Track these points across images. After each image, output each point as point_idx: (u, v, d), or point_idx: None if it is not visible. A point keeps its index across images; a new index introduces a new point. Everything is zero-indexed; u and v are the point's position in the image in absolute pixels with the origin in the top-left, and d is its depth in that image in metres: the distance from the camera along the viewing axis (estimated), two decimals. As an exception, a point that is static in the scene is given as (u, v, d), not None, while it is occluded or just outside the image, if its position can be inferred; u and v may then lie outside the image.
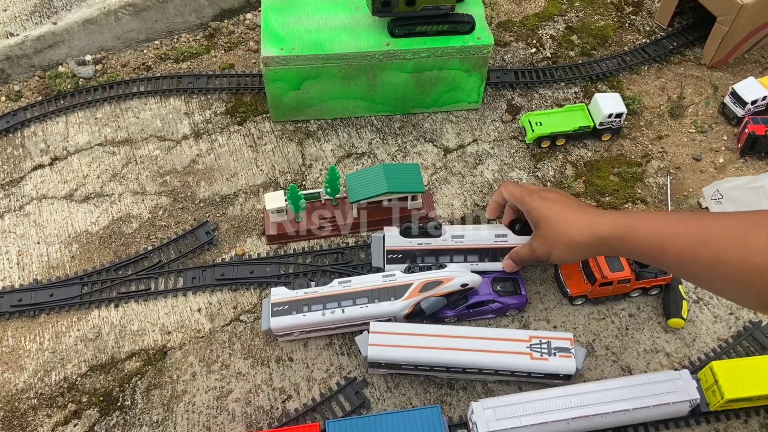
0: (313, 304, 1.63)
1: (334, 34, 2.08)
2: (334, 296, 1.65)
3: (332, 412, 1.65)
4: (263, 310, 1.65)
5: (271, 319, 1.59)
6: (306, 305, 1.63)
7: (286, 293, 1.67)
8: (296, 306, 1.63)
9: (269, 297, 1.66)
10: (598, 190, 2.09)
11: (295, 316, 1.62)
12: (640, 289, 1.82)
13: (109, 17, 2.39)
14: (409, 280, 1.69)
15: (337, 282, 1.70)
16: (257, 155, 2.17)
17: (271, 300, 1.65)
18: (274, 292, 1.67)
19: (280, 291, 1.69)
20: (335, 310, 1.63)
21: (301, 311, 1.63)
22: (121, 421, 1.65)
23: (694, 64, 2.45)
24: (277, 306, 1.63)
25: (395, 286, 1.69)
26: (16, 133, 2.23)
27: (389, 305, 1.67)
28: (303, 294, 1.66)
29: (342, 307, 1.62)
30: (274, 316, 1.57)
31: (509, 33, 2.54)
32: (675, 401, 1.55)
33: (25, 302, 1.82)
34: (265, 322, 1.59)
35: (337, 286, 1.70)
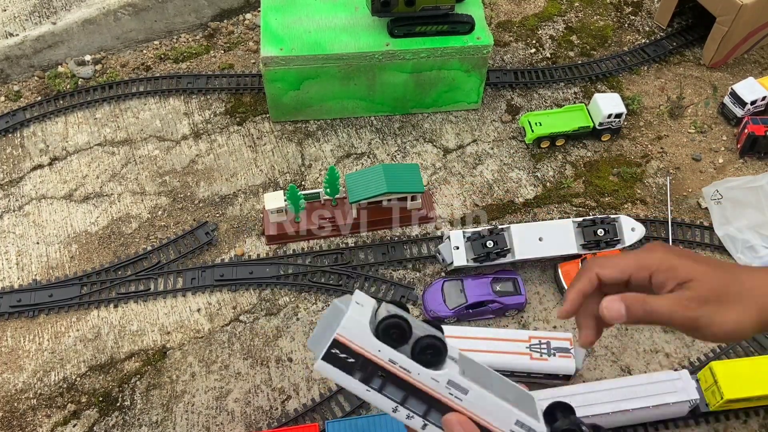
0: (388, 385, 0.82)
1: (333, 34, 2.08)
2: (424, 394, 0.82)
3: (332, 412, 1.65)
4: (321, 323, 0.86)
5: (319, 362, 0.81)
6: (379, 377, 0.82)
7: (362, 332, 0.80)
8: (364, 367, 0.81)
9: (339, 323, 0.79)
10: (597, 190, 2.09)
11: (356, 382, 0.82)
12: (639, 289, 1.82)
13: (109, 17, 2.39)
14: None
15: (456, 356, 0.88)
16: (257, 155, 2.17)
17: (337, 332, 0.80)
18: (346, 323, 0.79)
19: (356, 319, 0.79)
20: (413, 417, 0.83)
21: (369, 381, 0.82)
22: (120, 422, 1.65)
23: (694, 64, 2.45)
24: (338, 348, 0.81)
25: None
26: (15, 133, 2.22)
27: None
28: (383, 353, 0.80)
29: (428, 421, 0.83)
30: (327, 361, 0.80)
31: (509, 33, 2.54)
32: (674, 401, 1.55)
33: (24, 302, 1.82)
34: (316, 344, 0.83)
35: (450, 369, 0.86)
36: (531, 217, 2.02)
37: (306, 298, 1.86)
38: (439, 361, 0.76)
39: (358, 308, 0.77)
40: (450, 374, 0.75)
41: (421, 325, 0.78)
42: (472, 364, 0.81)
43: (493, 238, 1.82)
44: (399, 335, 0.75)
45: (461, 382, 0.75)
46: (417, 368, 0.75)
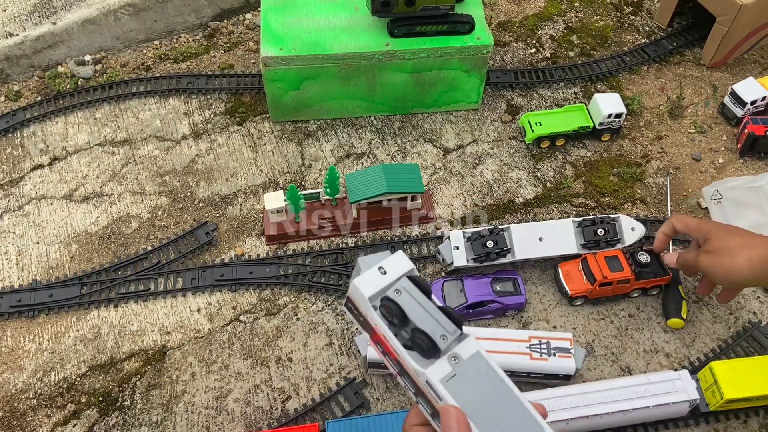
0: (387, 353, 0.81)
1: (333, 34, 2.08)
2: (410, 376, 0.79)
3: (332, 412, 1.65)
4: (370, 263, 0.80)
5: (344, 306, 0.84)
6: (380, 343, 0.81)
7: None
8: (369, 328, 0.81)
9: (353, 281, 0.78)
10: (597, 190, 2.09)
11: (366, 335, 0.84)
12: (639, 289, 1.82)
13: (109, 17, 2.39)
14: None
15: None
16: (257, 155, 2.17)
17: (348, 291, 0.81)
18: (354, 286, 0.79)
19: (362, 286, 0.78)
20: (408, 388, 0.81)
21: (376, 341, 0.81)
22: (120, 422, 1.65)
23: (694, 64, 2.45)
24: (351, 303, 0.82)
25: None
26: (15, 133, 2.22)
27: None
28: (379, 326, 0.79)
29: (417, 399, 0.80)
30: (347, 308, 0.84)
31: (509, 33, 2.54)
32: (674, 401, 1.55)
33: (24, 302, 1.82)
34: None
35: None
36: (531, 217, 2.02)
37: (306, 298, 1.86)
38: (428, 356, 0.73)
39: (374, 274, 0.77)
40: (428, 375, 0.73)
41: (429, 314, 0.74)
42: (480, 373, 0.74)
43: (493, 238, 1.82)
44: (393, 318, 0.75)
45: (437, 387, 0.72)
46: (403, 353, 0.75)
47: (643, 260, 1.79)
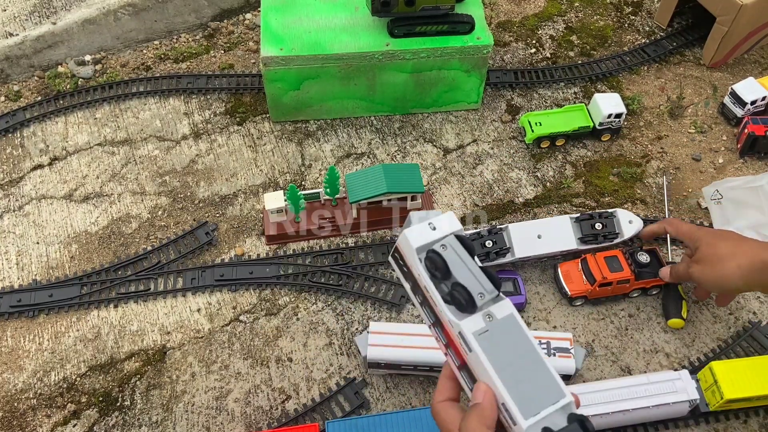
0: (426, 305, 0.85)
1: (333, 34, 2.08)
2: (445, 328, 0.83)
3: (332, 412, 1.65)
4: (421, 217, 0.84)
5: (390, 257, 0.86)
6: (421, 294, 0.85)
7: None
8: (412, 278, 0.84)
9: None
10: (597, 190, 2.09)
11: (407, 285, 0.87)
12: (639, 289, 1.82)
13: (109, 17, 2.39)
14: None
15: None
16: (257, 155, 2.17)
17: (398, 241, 0.83)
18: (404, 236, 0.83)
19: (412, 238, 0.82)
20: (440, 342, 0.87)
21: (416, 292, 0.86)
22: (120, 422, 1.65)
23: (694, 64, 2.45)
24: (397, 253, 0.84)
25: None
26: (15, 133, 2.22)
27: None
28: (422, 278, 0.82)
29: (448, 353, 0.86)
30: (393, 258, 0.85)
31: (509, 33, 2.54)
32: (674, 401, 1.55)
33: (24, 302, 1.82)
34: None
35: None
36: (531, 217, 2.03)
37: (306, 298, 1.86)
38: (464, 310, 0.78)
39: (423, 229, 0.81)
40: (462, 327, 0.77)
41: (470, 270, 0.79)
42: (513, 336, 0.78)
43: (492, 237, 1.82)
44: (436, 270, 0.79)
45: (469, 340, 0.76)
46: (440, 304, 0.79)
47: (643, 260, 1.79)
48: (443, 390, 0.86)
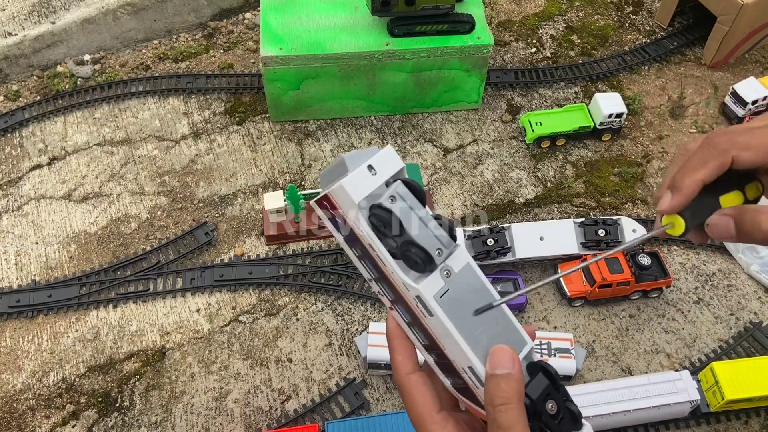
0: (366, 259, 0.73)
1: (333, 33, 2.07)
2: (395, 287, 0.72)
3: (331, 413, 1.65)
4: (342, 160, 0.70)
5: (314, 202, 0.72)
6: (361, 249, 0.72)
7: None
8: (349, 230, 0.71)
9: (340, 179, 0.68)
10: (598, 190, 2.09)
11: (341, 237, 0.73)
12: (639, 291, 1.82)
13: (108, 17, 2.38)
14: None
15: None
16: (256, 155, 2.17)
17: (329, 189, 0.69)
18: (340, 186, 0.68)
19: (351, 187, 0.68)
20: (383, 296, 0.75)
21: (353, 245, 0.73)
22: (119, 422, 1.64)
23: (695, 64, 2.44)
24: (328, 203, 0.70)
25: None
26: (14, 133, 2.22)
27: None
28: (365, 234, 0.69)
29: (395, 307, 0.74)
30: (320, 206, 0.71)
31: (509, 33, 2.53)
32: (675, 402, 1.54)
33: (23, 303, 1.82)
34: (325, 178, 0.71)
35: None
36: (531, 217, 2.02)
37: (306, 299, 1.85)
38: (420, 270, 0.67)
39: (363, 175, 0.67)
40: (420, 290, 0.67)
41: (425, 225, 0.68)
42: (473, 290, 0.70)
43: (494, 236, 1.82)
44: (384, 229, 0.67)
45: (429, 303, 0.67)
46: (393, 267, 0.67)
47: (644, 262, 1.79)
48: (408, 355, 0.73)
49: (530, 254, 1.82)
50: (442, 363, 0.71)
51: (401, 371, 0.72)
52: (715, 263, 1.93)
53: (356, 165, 0.67)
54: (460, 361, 0.68)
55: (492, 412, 0.64)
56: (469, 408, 0.71)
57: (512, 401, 0.64)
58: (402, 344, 0.73)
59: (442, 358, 0.70)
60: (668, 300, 1.85)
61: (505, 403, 0.64)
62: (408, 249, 0.66)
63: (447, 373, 0.71)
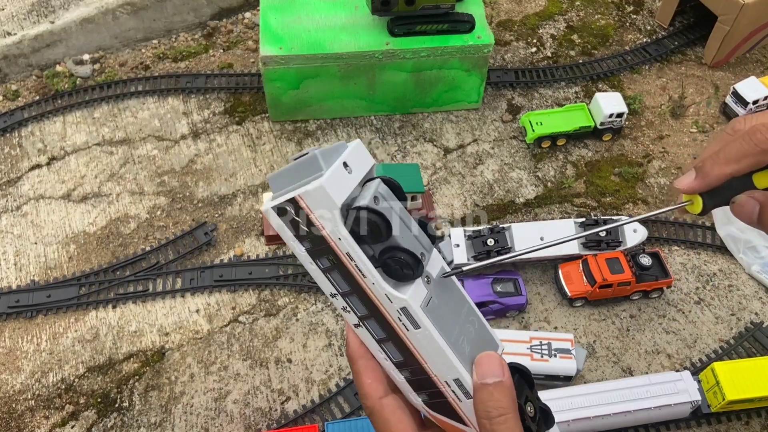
0: (335, 272, 0.65)
1: (333, 33, 2.07)
2: (371, 302, 0.65)
3: (331, 413, 1.64)
4: (295, 164, 0.62)
5: (269, 209, 0.64)
6: (329, 260, 0.64)
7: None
8: (317, 242, 0.63)
9: (310, 181, 0.60)
10: (599, 190, 2.08)
11: (302, 249, 0.65)
12: (640, 291, 1.81)
13: (107, 16, 2.37)
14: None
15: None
16: (256, 155, 2.16)
17: (298, 192, 0.60)
18: (316, 187, 0.59)
19: (330, 189, 0.59)
20: (349, 312, 0.68)
21: (317, 257, 0.64)
22: (119, 423, 1.64)
23: (696, 63, 2.44)
24: (293, 208, 0.62)
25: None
26: (13, 133, 2.21)
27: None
28: (343, 243, 0.61)
29: (364, 324, 0.68)
30: (278, 213, 0.63)
31: (509, 32, 2.53)
32: (676, 402, 1.54)
33: (22, 303, 1.81)
34: (277, 181, 0.63)
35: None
36: (532, 217, 2.02)
37: (305, 299, 1.85)
38: (404, 279, 0.61)
39: (340, 173, 0.59)
40: (407, 302, 0.61)
41: (406, 224, 0.62)
42: (449, 293, 0.66)
43: (494, 236, 1.81)
44: (371, 235, 0.59)
45: (417, 314, 0.61)
46: (375, 277, 0.61)
47: (645, 263, 1.78)
48: (377, 377, 0.66)
49: (530, 254, 1.82)
50: (415, 380, 0.66)
51: (372, 396, 0.66)
52: (716, 263, 1.93)
53: (331, 162, 0.59)
54: (445, 374, 0.63)
55: (489, 425, 0.61)
56: (443, 424, 0.67)
57: (509, 411, 0.61)
58: (369, 365, 0.67)
59: (417, 374, 0.65)
60: (669, 300, 1.85)
61: (503, 414, 0.61)
62: (396, 255, 0.60)
63: (419, 390, 0.66)
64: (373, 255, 0.61)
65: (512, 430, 0.61)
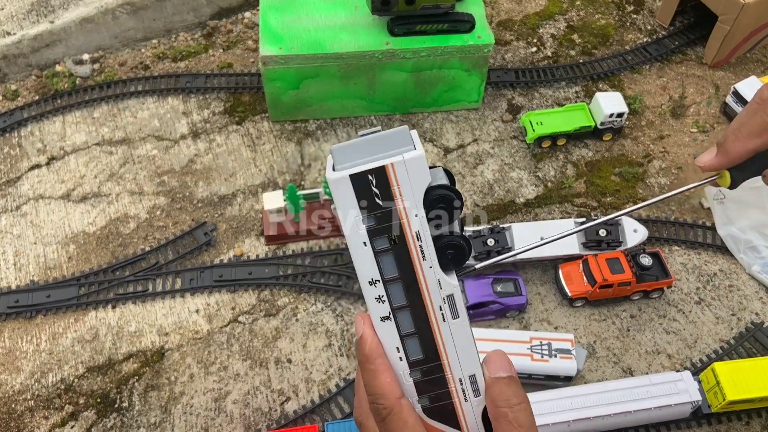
0: (388, 255, 0.64)
1: (333, 33, 2.06)
2: (415, 290, 0.65)
3: (331, 414, 1.64)
4: (367, 139, 0.61)
5: (342, 174, 0.61)
6: (389, 240, 0.63)
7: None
8: (384, 218, 0.62)
9: (402, 150, 0.60)
10: (599, 190, 2.08)
11: (358, 224, 0.63)
12: (641, 291, 1.81)
13: (107, 16, 2.37)
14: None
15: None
16: (256, 155, 2.16)
17: (392, 160, 0.60)
18: (413, 158, 0.60)
19: (423, 163, 0.60)
20: (383, 303, 0.66)
21: (376, 235, 0.63)
22: (118, 423, 1.64)
23: (696, 63, 2.44)
24: (377, 178, 0.60)
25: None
26: (12, 133, 2.21)
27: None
28: (417, 220, 0.62)
29: (394, 317, 0.66)
30: (353, 180, 0.61)
31: (510, 32, 2.52)
32: (676, 403, 1.54)
33: (21, 303, 1.81)
34: (345, 154, 0.61)
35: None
36: (532, 217, 2.01)
37: (305, 299, 1.84)
38: (452, 268, 0.63)
39: (422, 152, 0.59)
40: (455, 289, 0.63)
41: (457, 219, 0.64)
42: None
43: (494, 236, 1.81)
44: (444, 215, 0.61)
45: (459, 304, 0.63)
46: (434, 261, 0.62)
47: (645, 263, 1.78)
48: (395, 378, 0.65)
49: (531, 254, 1.82)
50: (424, 381, 0.66)
51: (391, 396, 0.64)
52: (717, 263, 1.92)
53: (417, 141, 0.59)
54: (464, 368, 0.65)
55: (510, 412, 0.63)
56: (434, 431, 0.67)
57: (526, 400, 0.64)
58: (386, 365, 0.65)
59: (430, 374, 0.65)
60: (669, 300, 1.85)
61: (522, 401, 0.64)
62: (456, 240, 0.61)
63: (424, 393, 0.66)
64: (439, 237, 0.62)
65: (531, 416, 0.63)
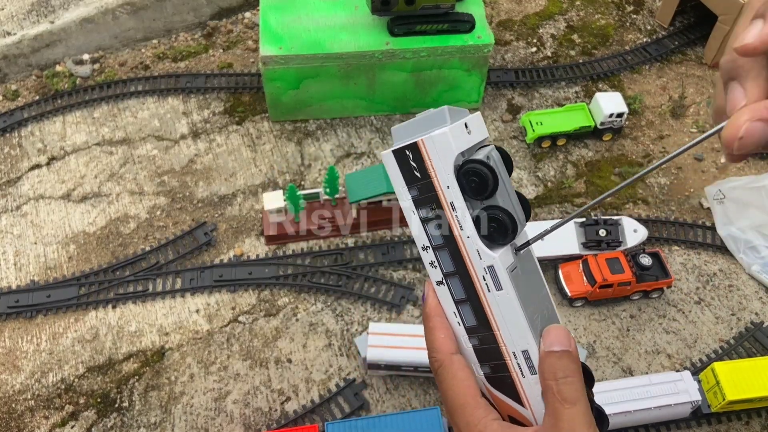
0: (433, 222, 0.68)
1: (333, 33, 2.06)
2: (460, 258, 0.68)
3: (331, 413, 1.64)
4: (424, 117, 0.66)
5: (389, 152, 0.67)
6: (432, 209, 0.68)
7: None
8: (425, 189, 0.67)
9: (434, 129, 0.65)
10: (599, 190, 2.08)
11: (407, 195, 0.68)
12: (640, 291, 1.81)
13: (107, 16, 2.37)
14: None
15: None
16: (256, 155, 2.16)
17: (422, 137, 0.65)
18: (439, 135, 0.64)
19: (450, 138, 0.64)
20: (436, 268, 0.69)
21: (420, 205, 0.68)
22: (118, 423, 1.64)
23: (696, 63, 2.44)
24: (412, 153, 0.66)
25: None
26: (13, 133, 2.21)
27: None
28: (449, 192, 0.66)
29: (447, 282, 0.69)
30: (396, 156, 0.67)
31: (509, 32, 2.52)
32: (676, 403, 1.54)
33: (22, 303, 1.81)
34: (401, 132, 0.67)
35: None
36: (532, 217, 2.01)
37: (305, 299, 1.84)
38: (497, 241, 0.65)
39: (461, 129, 0.64)
40: (495, 261, 0.64)
41: (508, 192, 0.67)
42: (533, 273, 0.70)
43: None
44: (477, 188, 0.64)
45: (501, 275, 0.65)
46: (471, 231, 0.65)
47: (645, 263, 1.78)
48: (449, 335, 0.68)
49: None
50: (482, 348, 0.68)
51: (444, 351, 0.67)
52: (716, 263, 1.93)
53: (456, 119, 0.64)
54: (516, 342, 0.65)
55: (555, 385, 0.62)
56: (499, 403, 0.68)
57: (576, 374, 0.62)
58: (444, 323, 0.69)
59: (486, 342, 0.67)
60: (669, 300, 1.85)
61: (570, 375, 0.62)
62: (495, 213, 0.64)
63: (484, 361, 0.68)
64: (477, 216, 0.65)
65: (578, 391, 0.61)
